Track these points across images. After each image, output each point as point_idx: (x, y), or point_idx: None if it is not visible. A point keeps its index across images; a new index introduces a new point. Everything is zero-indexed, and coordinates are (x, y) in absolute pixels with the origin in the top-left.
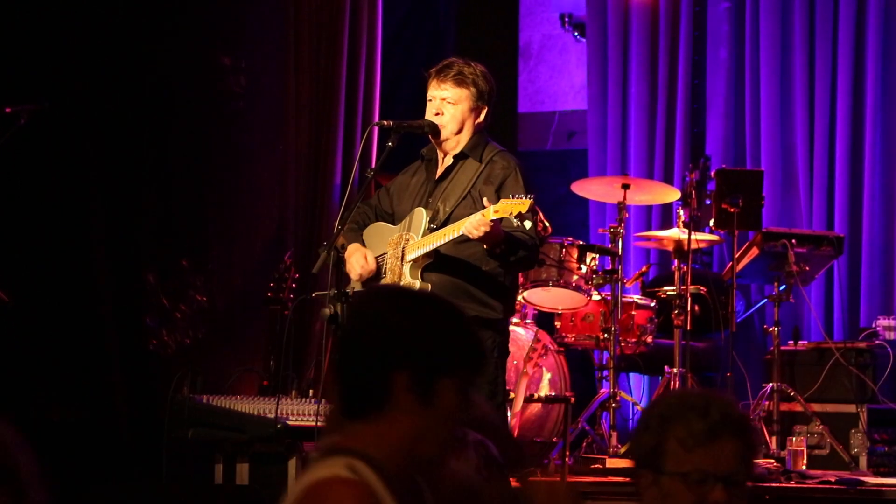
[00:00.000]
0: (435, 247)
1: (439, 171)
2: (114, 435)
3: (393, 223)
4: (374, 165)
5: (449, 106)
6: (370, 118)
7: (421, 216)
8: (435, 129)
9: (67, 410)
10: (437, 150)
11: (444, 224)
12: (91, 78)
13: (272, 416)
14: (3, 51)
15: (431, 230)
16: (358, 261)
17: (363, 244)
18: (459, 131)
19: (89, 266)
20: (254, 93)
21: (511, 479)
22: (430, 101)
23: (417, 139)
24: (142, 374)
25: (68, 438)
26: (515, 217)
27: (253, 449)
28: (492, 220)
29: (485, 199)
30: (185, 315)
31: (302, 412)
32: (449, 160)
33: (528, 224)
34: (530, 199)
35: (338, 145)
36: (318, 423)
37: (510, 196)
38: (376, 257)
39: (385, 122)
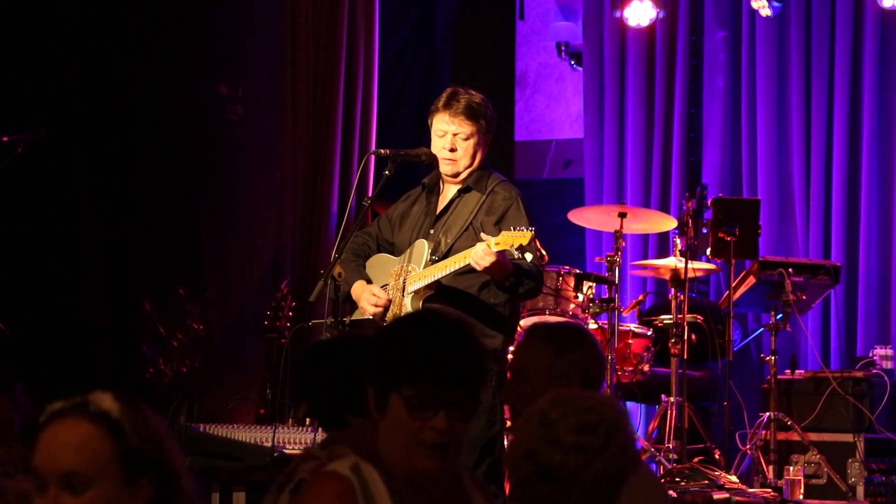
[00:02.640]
0: (437, 278)
1: (442, 203)
2: None
3: (393, 252)
4: (371, 194)
5: (462, 141)
6: (367, 146)
7: (423, 248)
8: (433, 159)
9: None
10: (440, 180)
11: (446, 255)
12: (87, 107)
13: (269, 444)
14: (1, 80)
15: (433, 262)
16: (368, 299)
17: (367, 279)
18: (472, 164)
19: (85, 294)
20: (250, 121)
21: None
22: (441, 135)
23: (415, 167)
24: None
25: None
26: (517, 249)
27: (250, 477)
28: (496, 251)
29: (482, 234)
30: (182, 343)
31: (299, 440)
32: (453, 192)
33: (528, 256)
34: (531, 231)
35: (335, 174)
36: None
37: (511, 228)
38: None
39: (382, 151)
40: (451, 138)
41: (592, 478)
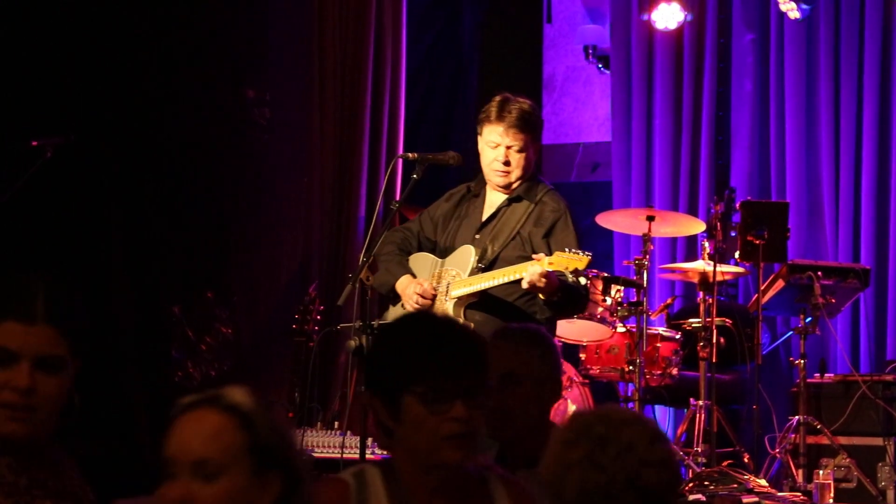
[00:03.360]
0: (483, 288)
1: (489, 209)
2: (138, 468)
3: (434, 252)
4: (398, 197)
5: (515, 154)
6: (394, 150)
7: (469, 254)
8: (461, 162)
9: (90, 445)
10: (486, 185)
11: (492, 263)
12: (116, 111)
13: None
14: (30, 84)
15: (479, 269)
16: (415, 289)
17: (412, 274)
18: (523, 175)
19: (114, 298)
20: (278, 125)
21: None
22: (493, 147)
23: (443, 171)
24: (167, 407)
25: (91, 473)
26: (571, 272)
27: None
28: (548, 271)
29: (534, 256)
30: (211, 347)
31: (327, 444)
32: (500, 199)
33: (583, 280)
34: (588, 256)
35: (362, 177)
36: (343, 455)
37: (567, 250)
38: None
39: (410, 155)
40: (504, 151)
41: (640, 493)
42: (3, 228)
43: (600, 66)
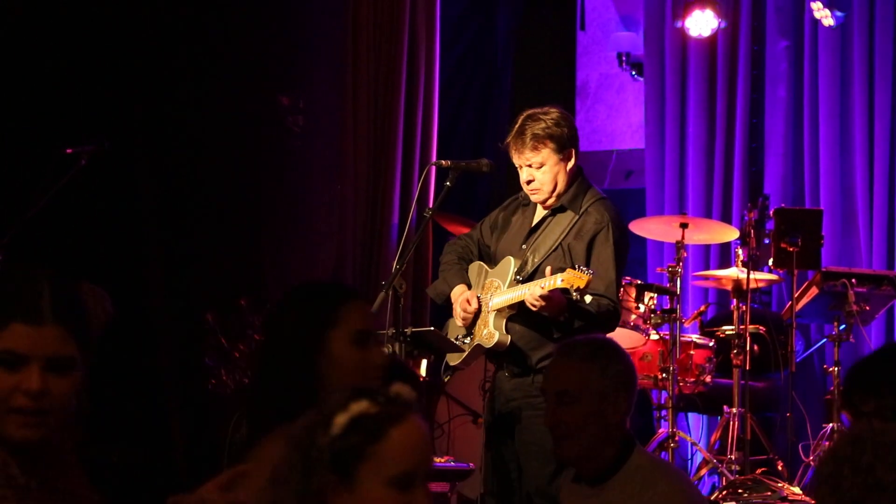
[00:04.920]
0: (514, 300)
1: (536, 218)
2: (172, 475)
3: (492, 259)
4: (431, 205)
5: (536, 171)
6: (428, 157)
7: (509, 265)
8: (494, 169)
9: (126, 451)
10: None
11: (532, 275)
12: (150, 119)
13: None
14: (65, 92)
15: (517, 281)
16: (462, 304)
17: (468, 284)
18: (555, 188)
19: (148, 306)
20: (312, 132)
21: None
22: (519, 168)
23: (476, 179)
24: (200, 414)
25: (126, 479)
26: (575, 291)
27: None
28: (551, 291)
29: (548, 269)
30: (244, 355)
31: None
32: (546, 211)
33: (588, 299)
34: (589, 274)
35: (395, 185)
36: None
37: (576, 267)
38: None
39: (443, 162)
40: (526, 171)
41: None
42: (38, 237)
43: (634, 73)
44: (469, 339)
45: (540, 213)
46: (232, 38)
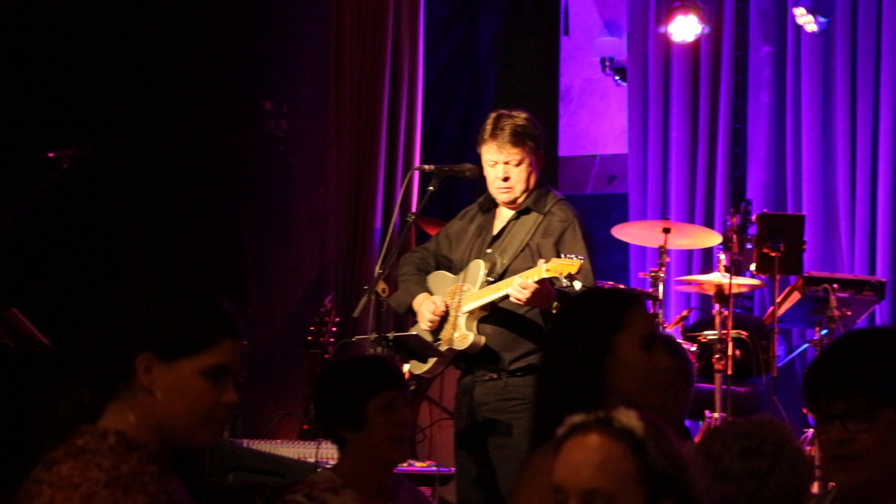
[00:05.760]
0: (488, 301)
1: (499, 223)
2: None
3: (451, 269)
4: (414, 209)
5: (514, 168)
6: (411, 162)
7: (478, 268)
8: (477, 174)
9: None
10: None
11: (502, 276)
12: (133, 123)
13: (312, 460)
14: (47, 96)
15: (488, 283)
16: (428, 307)
17: (430, 293)
18: (527, 187)
19: None
20: (295, 137)
21: None
22: (492, 165)
23: (459, 183)
24: None
25: None
26: (565, 278)
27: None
28: (537, 281)
29: (540, 261)
30: None
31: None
32: (510, 213)
33: (577, 285)
34: (580, 260)
35: (378, 189)
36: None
37: (563, 255)
38: None
39: (426, 167)
40: (502, 167)
41: (770, 499)
42: (21, 241)
43: (617, 78)
44: (436, 344)
45: (502, 217)
46: (215, 42)
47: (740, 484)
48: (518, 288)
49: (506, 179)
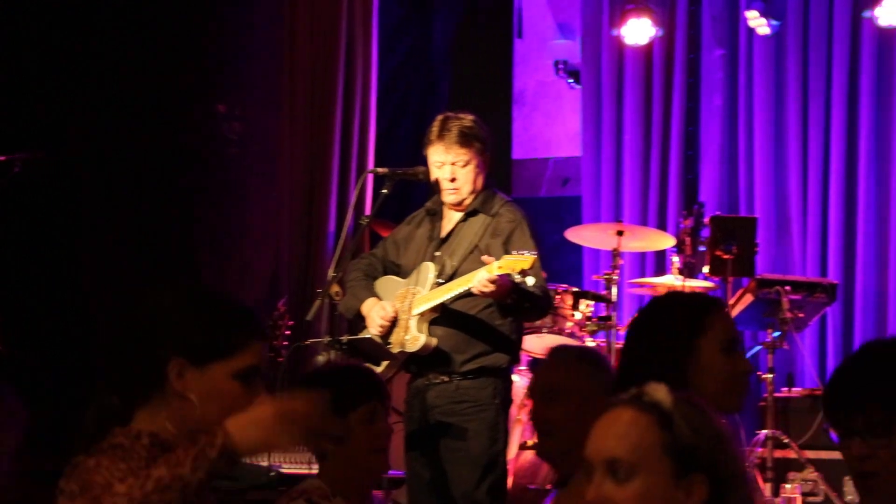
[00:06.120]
0: (441, 302)
1: (447, 226)
2: None
3: (399, 275)
4: (368, 213)
5: (460, 170)
6: (365, 165)
7: (428, 271)
8: (428, 176)
9: (61, 458)
10: (443, 203)
11: (451, 278)
12: (85, 126)
13: (265, 463)
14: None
15: (438, 284)
16: (378, 312)
17: (378, 298)
18: (474, 189)
19: (83, 312)
20: (248, 140)
21: None
22: (439, 166)
23: (413, 186)
24: None
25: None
26: (518, 273)
27: (246, 497)
28: (497, 276)
29: (483, 257)
30: None
31: (295, 460)
32: (458, 215)
33: (530, 280)
34: (533, 255)
35: (332, 192)
36: (311, 471)
37: (514, 252)
38: None
39: (380, 169)
40: (449, 168)
41: None
42: None
43: (571, 80)
44: (388, 348)
45: (451, 219)
46: (169, 45)
47: None
48: (486, 283)
49: (453, 180)
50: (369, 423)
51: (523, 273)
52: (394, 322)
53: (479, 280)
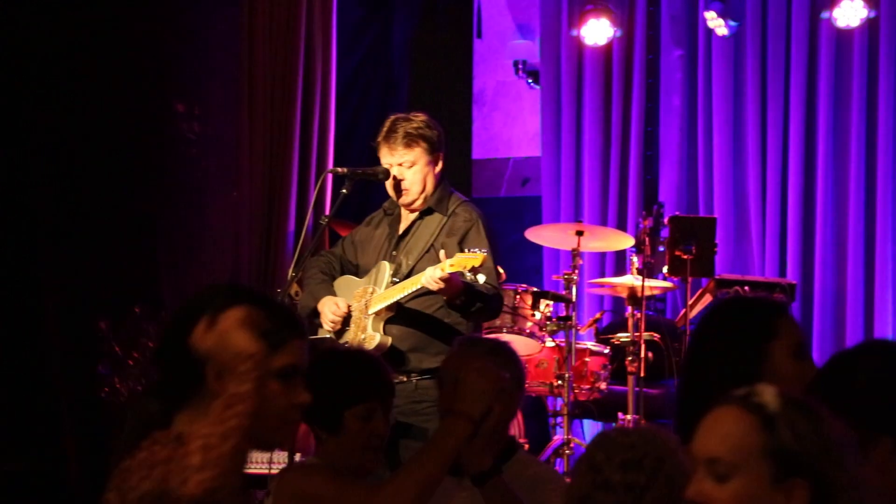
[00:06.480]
0: (396, 300)
1: (403, 225)
2: (64, 485)
3: (357, 275)
4: (328, 212)
5: (407, 171)
6: (324, 165)
7: (385, 270)
8: (388, 175)
9: (16, 460)
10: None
11: (407, 277)
12: (42, 124)
13: None
14: None
15: (394, 283)
16: (330, 308)
17: (335, 296)
18: (424, 189)
19: (40, 313)
20: (207, 139)
21: None
22: (388, 167)
23: (372, 186)
24: (93, 423)
25: (17, 489)
26: (469, 271)
27: None
28: (449, 273)
29: (441, 253)
30: (138, 362)
31: (256, 460)
32: (414, 214)
33: (481, 278)
34: (483, 253)
35: (292, 192)
36: (272, 471)
37: (466, 250)
38: None
39: (339, 169)
40: (397, 169)
41: None
42: None
43: (530, 81)
44: None
45: (407, 219)
46: (127, 44)
47: (617, 495)
48: (437, 279)
49: (401, 181)
50: (365, 421)
51: (474, 271)
52: (350, 321)
53: (429, 277)
